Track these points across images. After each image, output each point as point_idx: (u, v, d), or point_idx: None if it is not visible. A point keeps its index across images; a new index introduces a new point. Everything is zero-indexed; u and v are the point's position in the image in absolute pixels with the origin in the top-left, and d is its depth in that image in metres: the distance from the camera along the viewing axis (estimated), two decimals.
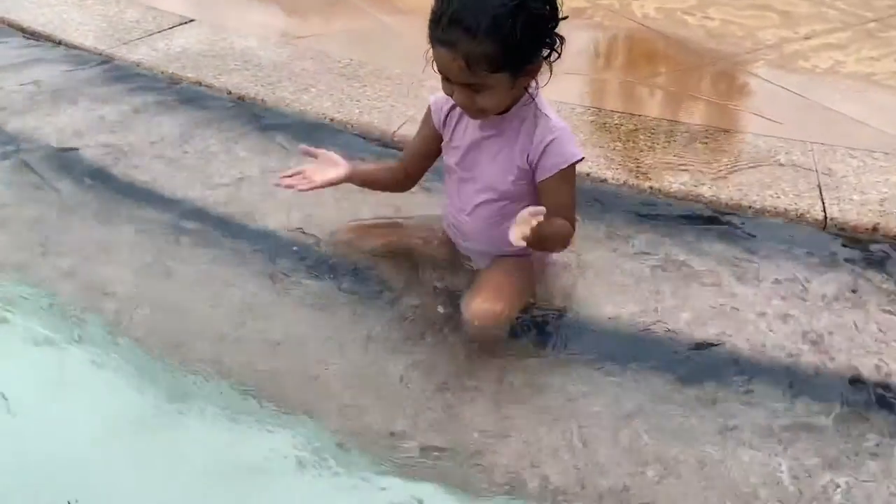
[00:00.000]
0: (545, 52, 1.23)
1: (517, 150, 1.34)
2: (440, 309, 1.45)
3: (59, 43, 2.41)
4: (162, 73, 2.22)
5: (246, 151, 1.95)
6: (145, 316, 1.47)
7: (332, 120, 1.99)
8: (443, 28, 1.20)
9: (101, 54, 2.33)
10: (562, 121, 1.36)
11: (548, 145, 1.31)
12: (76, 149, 1.95)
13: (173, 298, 1.54)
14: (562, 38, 1.23)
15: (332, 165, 1.49)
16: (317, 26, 2.56)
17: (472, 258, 1.52)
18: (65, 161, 1.94)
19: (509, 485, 1.18)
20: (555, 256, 1.54)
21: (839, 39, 2.57)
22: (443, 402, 1.30)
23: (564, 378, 1.35)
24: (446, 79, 1.26)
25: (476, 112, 1.31)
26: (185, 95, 2.16)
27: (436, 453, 1.22)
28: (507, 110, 1.32)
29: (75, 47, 2.38)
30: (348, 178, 1.50)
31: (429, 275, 1.52)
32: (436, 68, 1.26)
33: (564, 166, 1.32)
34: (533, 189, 1.37)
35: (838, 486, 1.17)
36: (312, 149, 1.50)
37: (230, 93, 2.11)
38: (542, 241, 1.25)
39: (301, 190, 1.46)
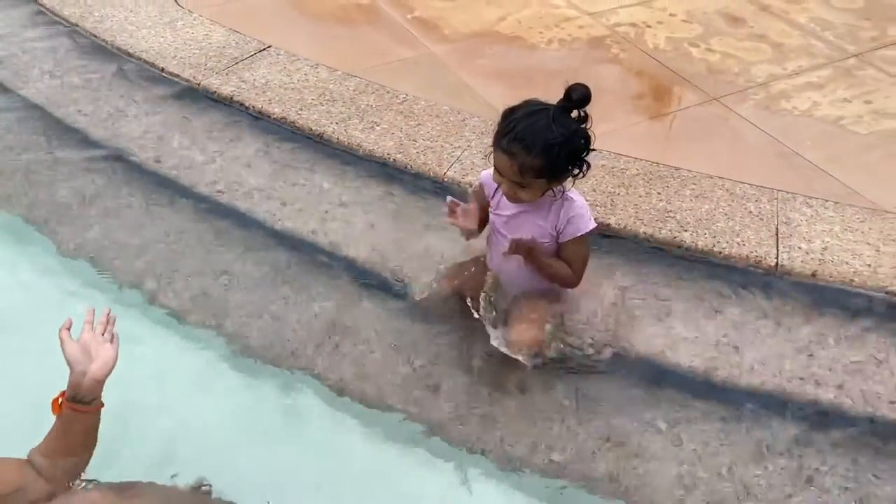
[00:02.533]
0: (576, 173, 1.74)
1: (549, 222, 1.86)
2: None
3: (162, 70, 2.89)
4: (252, 106, 2.71)
5: (329, 184, 2.48)
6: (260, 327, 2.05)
7: (394, 161, 2.49)
8: (507, 141, 1.68)
9: (198, 84, 2.81)
10: (582, 198, 1.87)
11: (570, 218, 1.83)
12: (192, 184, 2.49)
13: (279, 312, 2.11)
14: (589, 164, 1.73)
15: (469, 214, 1.90)
16: (375, 56, 3.00)
17: (511, 289, 2.05)
18: (178, 189, 2.48)
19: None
20: (569, 292, 2.08)
21: (820, 78, 3.00)
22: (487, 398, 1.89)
23: (559, 382, 1.92)
24: (499, 173, 1.77)
25: (515, 199, 1.82)
26: (271, 129, 2.67)
27: (489, 425, 1.81)
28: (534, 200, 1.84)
29: (175, 75, 2.86)
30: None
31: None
32: (493, 163, 1.76)
33: (579, 234, 1.85)
34: (555, 246, 1.90)
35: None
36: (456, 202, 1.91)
37: (311, 129, 2.61)
38: (535, 261, 1.81)
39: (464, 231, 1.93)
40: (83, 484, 1.61)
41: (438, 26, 3.19)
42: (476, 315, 1.96)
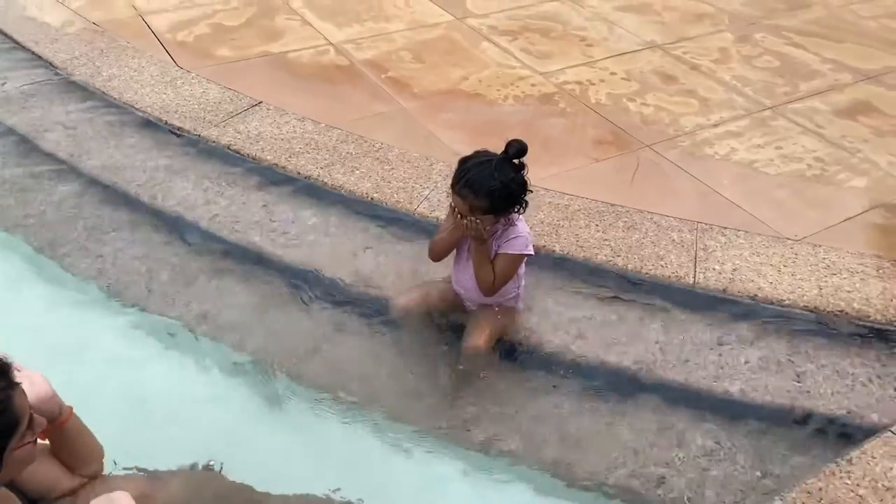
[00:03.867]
0: (516, 209, 2.16)
1: (495, 243, 2.27)
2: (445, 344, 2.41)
3: (166, 122, 3.28)
4: (247, 154, 3.11)
5: (315, 218, 2.87)
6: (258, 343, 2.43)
7: (372, 199, 2.90)
8: (460, 186, 2.11)
9: (199, 136, 3.21)
10: (526, 227, 2.28)
11: (510, 239, 2.24)
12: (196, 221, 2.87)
13: (276, 328, 2.48)
14: (527, 203, 2.15)
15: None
16: (354, 111, 3.43)
17: (469, 303, 2.45)
18: (190, 228, 2.85)
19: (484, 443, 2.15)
20: (520, 305, 2.47)
21: (738, 127, 3.49)
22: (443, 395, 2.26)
23: (519, 384, 2.31)
24: (455, 210, 2.18)
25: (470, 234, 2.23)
26: (264, 174, 3.06)
27: (450, 424, 2.18)
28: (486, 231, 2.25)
29: (178, 127, 3.25)
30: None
31: (442, 319, 2.47)
32: (452, 202, 2.17)
33: (512, 252, 2.25)
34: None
35: None
36: None
37: (299, 173, 3.01)
38: (479, 244, 2.19)
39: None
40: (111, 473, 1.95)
41: (409, 85, 3.64)
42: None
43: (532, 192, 2.17)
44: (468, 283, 2.38)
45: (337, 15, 4.24)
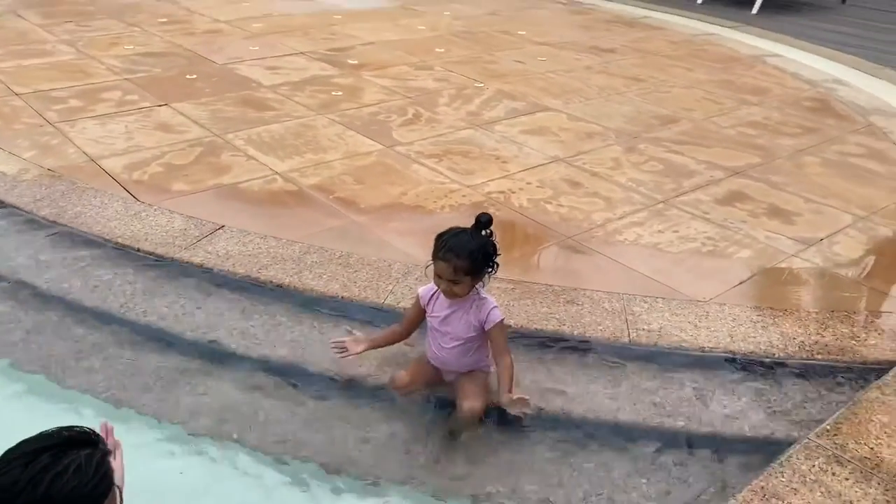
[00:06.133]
0: (489, 270, 2.59)
1: (473, 317, 2.66)
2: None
3: (138, 250, 3.55)
4: (219, 270, 3.41)
5: (288, 320, 3.18)
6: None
7: (342, 298, 3.25)
8: (443, 252, 2.53)
9: (172, 258, 3.49)
10: (492, 298, 2.70)
11: (489, 313, 2.64)
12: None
13: (268, 418, 2.73)
14: (498, 265, 2.59)
15: (359, 342, 2.76)
16: (311, 227, 3.82)
17: (447, 374, 2.79)
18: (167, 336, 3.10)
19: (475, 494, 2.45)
20: (492, 369, 2.84)
21: (640, 218, 4.11)
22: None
23: (505, 441, 2.64)
24: (439, 276, 2.57)
25: (452, 295, 2.62)
26: (237, 286, 3.37)
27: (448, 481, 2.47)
28: (463, 296, 2.65)
29: (150, 253, 3.53)
30: (370, 348, 2.77)
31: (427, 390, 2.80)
32: (434, 270, 2.57)
33: (498, 320, 2.65)
34: (481, 335, 2.67)
35: None
36: (350, 331, 2.77)
37: (271, 282, 3.34)
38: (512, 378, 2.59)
39: (343, 357, 2.72)
40: None
41: (356, 202, 4.08)
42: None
43: (500, 253, 2.62)
44: (444, 355, 2.74)
45: (277, 150, 4.70)
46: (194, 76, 6.02)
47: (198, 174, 4.32)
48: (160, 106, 5.33)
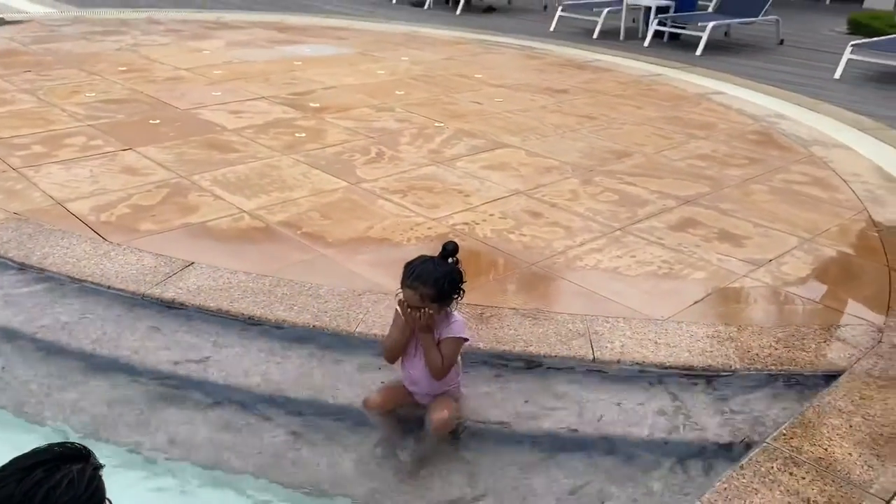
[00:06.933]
0: (456, 297, 2.69)
1: (438, 331, 2.75)
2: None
3: (109, 287, 3.58)
4: (191, 304, 3.46)
5: (264, 353, 3.23)
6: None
7: (314, 327, 3.32)
8: (411, 280, 2.62)
9: (143, 295, 3.52)
10: (461, 316, 2.80)
11: (451, 325, 2.74)
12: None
13: (245, 446, 2.76)
14: (464, 290, 2.69)
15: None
16: (279, 261, 3.89)
17: (420, 397, 2.87)
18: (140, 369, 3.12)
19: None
20: (463, 391, 2.93)
21: (599, 245, 4.27)
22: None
23: (473, 452, 2.72)
24: (407, 303, 2.66)
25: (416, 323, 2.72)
26: (210, 319, 3.41)
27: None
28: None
29: (121, 290, 3.56)
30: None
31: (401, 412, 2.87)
32: (403, 298, 2.66)
33: (453, 336, 2.74)
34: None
35: None
36: None
37: (243, 314, 3.39)
38: (427, 332, 2.67)
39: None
40: None
41: (323, 236, 4.18)
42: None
43: (466, 281, 2.73)
44: (418, 377, 2.83)
45: (244, 189, 4.78)
46: (157, 121, 6.09)
47: (165, 214, 4.37)
48: (124, 150, 5.39)
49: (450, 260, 2.69)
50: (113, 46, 8.95)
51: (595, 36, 11.46)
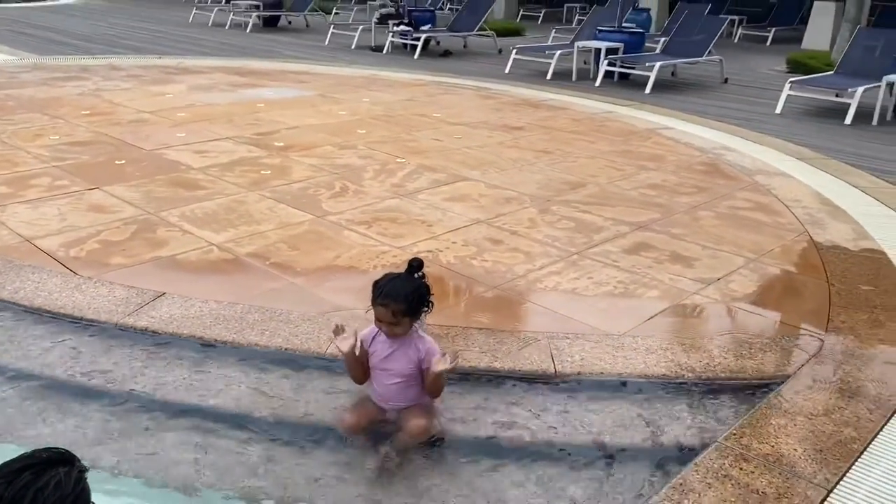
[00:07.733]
0: (425, 309, 2.84)
1: (412, 355, 2.89)
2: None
3: (81, 319, 3.64)
4: (164, 332, 3.54)
5: (238, 372, 3.32)
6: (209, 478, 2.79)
7: (286, 349, 3.42)
8: (381, 297, 2.76)
9: (116, 324, 3.60)
10: (430, 337, 2.94)
11: (427, 350, 2.88)
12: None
13: (221, 463, 2.85)
14: (433, 303, 2.84)
15: (347, 339, 2.87)
16: (250, 290, 4.00)
17: (389, 411, 2.99)
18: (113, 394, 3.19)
19: None
20: (436, 402, 3.06)
21: (557, 268, 4.47)
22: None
23: (450, 462, 2.85)
24: (379, 320, 2.80)
25: (393, 335, 2.85)
26: (184, 345, 3.50)
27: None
28: (404, 334, 2.88)
29: (94, 321, 3.63)
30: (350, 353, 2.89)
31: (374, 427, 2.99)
32: (375, 315, 2.80)
33: (435, 356, 2.88)
34: (419, 372, 2.90)
35: None
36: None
37: (216, 340, 3.49)
38: (438, 381, 2.82)
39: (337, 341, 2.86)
40: None
41: (292, 266, 4.30)
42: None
43: (434, 294, 2.89)
44: (386, 392, 2.96)
45: (212, 223, 4.89)
46: (123, 161, 6.19)
47: (135, 249, 4.46)
48: (91, 189, 5.47)
49: (416, 275, 2.85)
50: (75, 91, 9.04)
51: (549, 77, 11.89)
